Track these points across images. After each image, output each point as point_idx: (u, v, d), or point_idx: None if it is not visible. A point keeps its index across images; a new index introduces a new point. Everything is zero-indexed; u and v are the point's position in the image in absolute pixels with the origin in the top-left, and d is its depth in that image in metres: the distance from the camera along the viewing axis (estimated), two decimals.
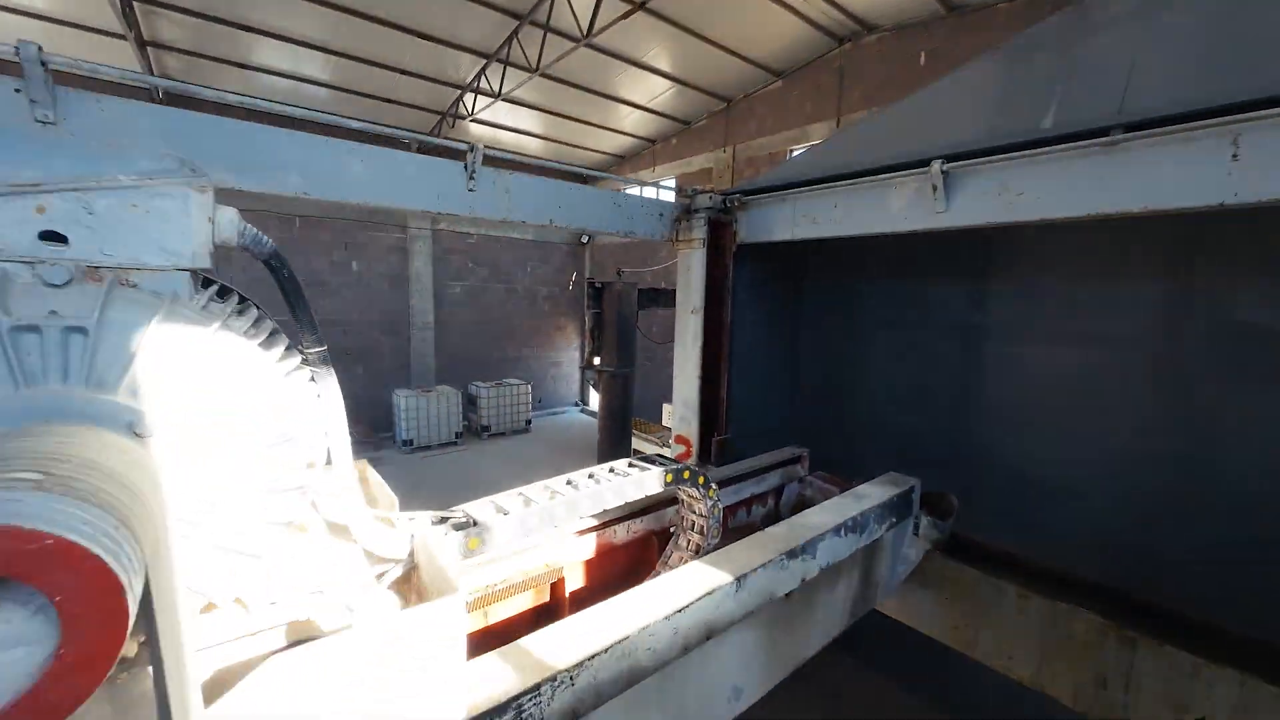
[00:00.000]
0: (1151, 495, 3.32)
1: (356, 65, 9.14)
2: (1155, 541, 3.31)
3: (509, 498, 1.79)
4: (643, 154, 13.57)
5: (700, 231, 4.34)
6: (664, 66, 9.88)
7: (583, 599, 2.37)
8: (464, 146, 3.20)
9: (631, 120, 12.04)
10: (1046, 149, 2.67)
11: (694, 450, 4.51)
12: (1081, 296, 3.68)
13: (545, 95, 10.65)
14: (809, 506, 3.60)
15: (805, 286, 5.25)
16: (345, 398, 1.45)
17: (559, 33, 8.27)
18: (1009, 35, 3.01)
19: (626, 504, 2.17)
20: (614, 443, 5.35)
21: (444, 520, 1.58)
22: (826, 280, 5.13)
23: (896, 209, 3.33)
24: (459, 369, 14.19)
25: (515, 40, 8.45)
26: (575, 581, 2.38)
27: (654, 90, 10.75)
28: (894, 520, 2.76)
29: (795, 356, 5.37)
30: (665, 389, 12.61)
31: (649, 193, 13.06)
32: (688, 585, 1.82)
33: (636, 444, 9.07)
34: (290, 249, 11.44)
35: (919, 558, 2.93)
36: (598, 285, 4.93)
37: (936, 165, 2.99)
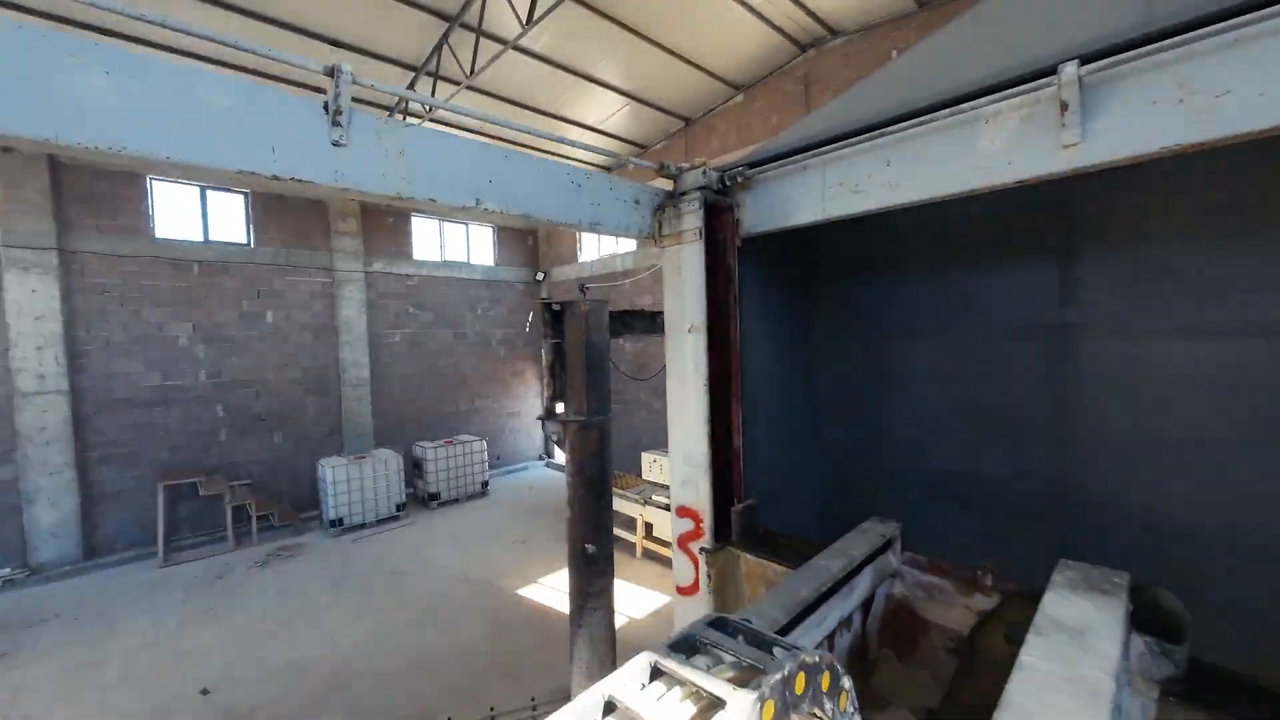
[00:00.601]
0: None
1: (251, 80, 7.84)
2: None
3: None
4: None
5: (694, 220, 3.17)
6: (616, 81, 9.06)
7: None
8: (315, 65, 1.93)
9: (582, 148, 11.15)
10: (1269, 10, 1.66)
11: (706, 527, 3.18)
12: (1224, 271, 2.68)
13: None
14: (909, 617, 2.31)
15: (816, 288, 4.14)
16: (263, 472, 0.20)
17: (493, 37, 7.29)
18: None
19: None
20: (589, 513, 3.98)
21: None
22: (848, 277, 4.04)
23: (990, 152, 2.24)
24: (402, 428, 12.39)
25: (446, 46, 7.40)
26: None
27: (606, 110, 9.92)
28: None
29: (815, 382, 4.20)
30: (639, 432, 11.19)
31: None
32: None
33: (617, 504, 7.60)
34: (187, 301, 9.68)
35: (1149, 716, 1.67)
36: (556, 307, 3.66)
37: (1071, 69, 1.93)
